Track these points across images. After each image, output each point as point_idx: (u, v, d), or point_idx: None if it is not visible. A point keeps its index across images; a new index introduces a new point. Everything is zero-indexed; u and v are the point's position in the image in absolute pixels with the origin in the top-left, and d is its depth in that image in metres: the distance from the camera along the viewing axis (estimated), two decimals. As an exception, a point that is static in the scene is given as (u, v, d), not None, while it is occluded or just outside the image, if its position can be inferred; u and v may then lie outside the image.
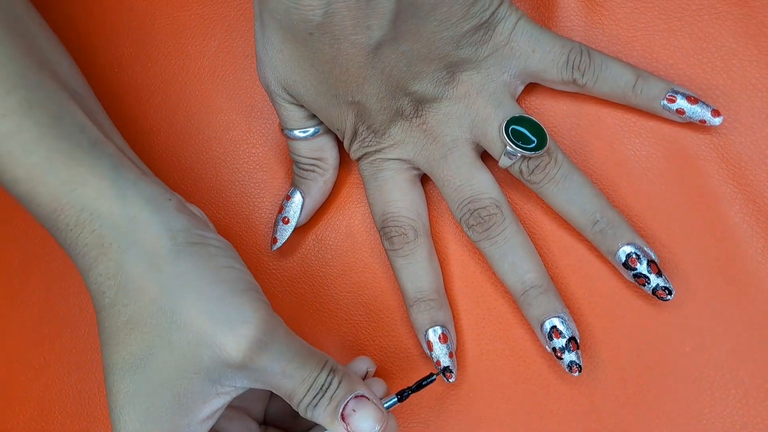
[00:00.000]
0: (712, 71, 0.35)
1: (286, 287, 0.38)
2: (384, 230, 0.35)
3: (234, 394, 0.29)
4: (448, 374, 0.35)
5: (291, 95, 0.35)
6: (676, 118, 0.34)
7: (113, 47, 0.42)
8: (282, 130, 0.37)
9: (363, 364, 0.34)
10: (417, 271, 0.35)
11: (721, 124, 0.34)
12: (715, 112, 0.33)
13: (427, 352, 0.35)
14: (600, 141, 0.35)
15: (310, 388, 0.29)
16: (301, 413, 0.30)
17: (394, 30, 0.31)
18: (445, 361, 0.35)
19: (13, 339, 0.41)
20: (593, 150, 0.35)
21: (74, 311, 0.40)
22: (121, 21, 0.42)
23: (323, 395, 0.29)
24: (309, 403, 0.29)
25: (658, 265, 0.32)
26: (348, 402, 0.29)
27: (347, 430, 0.29)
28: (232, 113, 0.40)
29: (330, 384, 0.29)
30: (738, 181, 0.34)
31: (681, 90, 0.33)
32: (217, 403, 0.29)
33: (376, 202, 0.36)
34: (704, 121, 0.33)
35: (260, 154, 0.40)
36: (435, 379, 0.32)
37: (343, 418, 0.29)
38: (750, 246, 0.33)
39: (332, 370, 0.30)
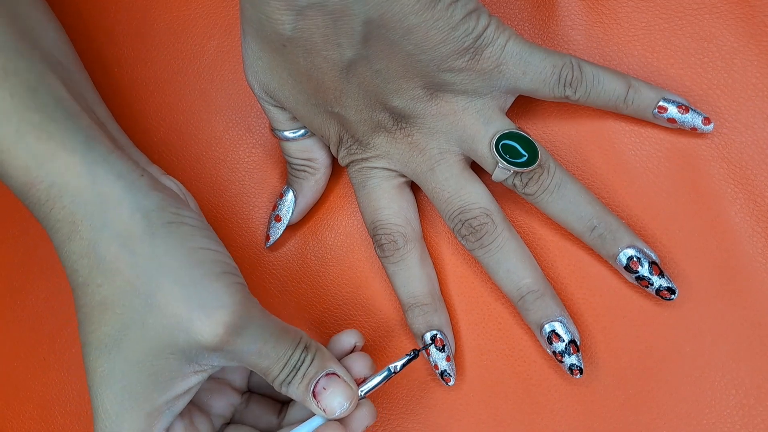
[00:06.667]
0: (713, 71, 0.35)
1: (285, 286, 0.38)
2: (375, 238, 0.35)
3: (211, 371, 0.30)
4: (446, 378, 0.35)
5: (274, 100, 0.35)
6: (667, 125, 0.34)
7: (113, 47, 0.42)
8: (272, 130, 0.37)
9: (351, 338, 0.33)
10: (409, 277, 0.35)
11: (722, 124, 0.34)
12: (707, 120, 0.33)
13: (425, 356, 0.35)
14: (601, 141, 0.35)
15: (285, 366, 0.30)
16: (276, 389, 0.30)
17: (367, 49, 0.31)
18: (442, 365, 0.35)
19: (13, 339, 0.41)
20: (594, 150, 0.35)
21: (74, 311, 0.40)
22: (121, 21, 0.42)
23: (296, 373, 0.30)
24: (283, 381, 0.30)
25: (660, 266, 0.32)
26: (319, 380, 0.30)
27: (318, 406, 0.30)
28: (232, 113, 0.40)
29: (303, 362, 0.30)
30: (739, 181, 0.34)
31: (672, 98, 0.33)
32: (194, 380, 0.29)
33: (366, 211, 0.36)
34: (695, 129, 0.34)
35: (259, 154, 0.40)
36: (417, 356, 0.32)
37: (314, 395, 0.30)
38: (750, 246, 0.33)
39: (306, 348, 0.30)
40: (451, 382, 0.35)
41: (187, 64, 0.41)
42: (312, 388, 0.30)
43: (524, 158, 0.32)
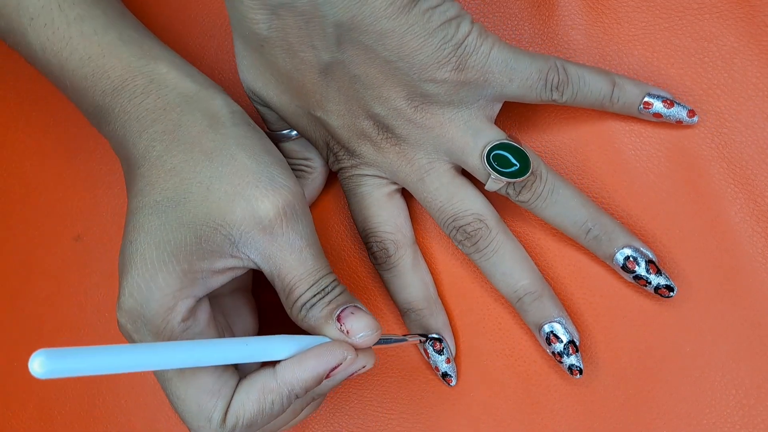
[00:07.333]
0: (713, 70, 0.34)
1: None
2: (367, 245, 0.35)
3: (242, 271, 0.30)
4: (447, 379, 0.35)
5: (262, 101, 0.35)
6: (653, 120, 0.34)
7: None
8: (267, 131, 0.37)
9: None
10: (403, 283, 0.35)
11: (722, 124, 0.34)
12: (691, 113, 0.34)
13: (426, 358, 0.35)
14: (601, 140, 0.35)
15: (314, 284, 0.29)
16: (294, 315, 0.30)
17: (342, 53, 0.30)
18: (442, 367, 0.35)
19: (13, 339, 0.41)
20: (594, 150, 0.35)
21: (74, 311, 0.40)
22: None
23: (324, 297, 0.29)
24: (307, 301, 0.29)
25: (657, 264, 0.32)
26: (347, 308, 0.29)
27: (340, 329, 0.29)
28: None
29: (333, 289, 0.30)
30: (739, 181, 0.34)
31: (657, 93, 0.33)
32: (231, 263, 0.29)
33: (357, 218, 0.36)
34: (681, 122, 0.34)
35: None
36: (426, 341, 0.32)
37: (339, 318, 0.29)
38: (750, 246, 0.33)
39: (336, 280, 0.30)
40: (453, 383, 0.35)
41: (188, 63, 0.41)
42: (338, 313, 0.29)
43: (516, 168, 0.32)
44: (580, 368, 0.33)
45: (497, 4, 0.37)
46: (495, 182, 0.32)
